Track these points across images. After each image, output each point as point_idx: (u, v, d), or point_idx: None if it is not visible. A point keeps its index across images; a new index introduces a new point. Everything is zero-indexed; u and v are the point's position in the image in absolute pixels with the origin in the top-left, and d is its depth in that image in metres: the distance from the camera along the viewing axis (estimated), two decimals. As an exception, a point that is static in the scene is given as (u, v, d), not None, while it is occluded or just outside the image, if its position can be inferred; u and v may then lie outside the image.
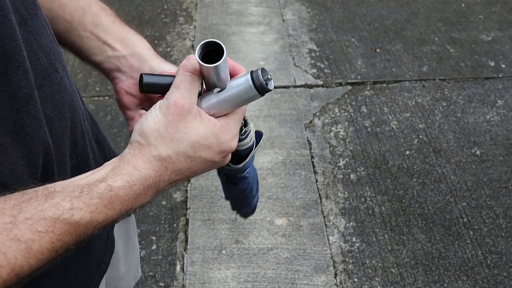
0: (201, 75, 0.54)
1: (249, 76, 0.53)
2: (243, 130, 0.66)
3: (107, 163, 0.52)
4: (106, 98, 2.59)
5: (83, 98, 2.54)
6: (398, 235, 1.95)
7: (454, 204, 2.05)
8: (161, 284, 1.79)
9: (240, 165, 0.70)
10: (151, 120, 0.53)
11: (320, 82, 2.68)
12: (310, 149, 2.30)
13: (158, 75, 0.56)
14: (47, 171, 0.53)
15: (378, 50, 2.91)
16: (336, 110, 2.51)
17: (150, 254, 1.88)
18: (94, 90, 2.64)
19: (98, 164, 0.73)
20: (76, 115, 0.60)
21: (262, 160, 2.22)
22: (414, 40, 2.98)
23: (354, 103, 2.55)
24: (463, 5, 3.30)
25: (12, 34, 0.46)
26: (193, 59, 0.55)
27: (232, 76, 0.57)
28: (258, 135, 0.72)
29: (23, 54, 0.47)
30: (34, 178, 0.51)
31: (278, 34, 3.05)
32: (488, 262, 1.85)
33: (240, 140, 0.66)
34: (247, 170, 0.77)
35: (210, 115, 0.55)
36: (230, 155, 0.59)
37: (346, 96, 2.60)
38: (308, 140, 2.34)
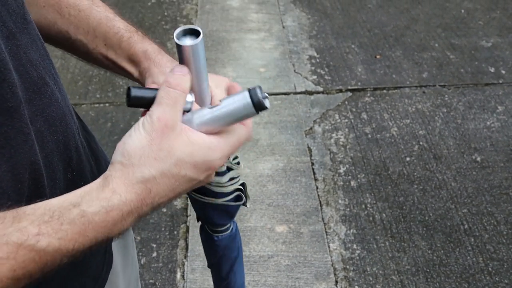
0: (185, 91, 0.52)
1: (246, 92, 0.52)
2: (227, 168, 0.64)
3: (86, 185, 0.49)
4: (107, 105, 2.59)
5: (83, 105, 2.56)
6: (399, 242, 1.94)
7: (455, 210, 2.05)
8: (161, 291, 1.79)
9: (220, 200, 0.66)
10: (135, 138, 0.49)
11: (320, 89, 2.69)
12: (311, 155, 2.30)
13: (147, 88, 0.53)
14: (36, 187, 0.52)
15: (378, 57, 2.92)
16: (337, 116, 2.51)
17: (150, 261, 1.88)
18: (94, 97, 2.64)
19: (96, 178, 0.72)
20: (69, 128, 0.59)
21: (263, 167, 2.22)
22: (414, 47, 2.99)
23: (354, 109, 2.55)
24: (463, 11, 3.31)
25: None
26: (178, 73, 0.52)
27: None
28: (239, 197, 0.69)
29: (9, 68, 0.46)
30: (20, 193, 0.49)
31: (278, 41, 3.05)
32: (489, 269, 1.84)
33: (218, 174, 0.63)
34: (230, 226, 0.74)
35: (201, 131, 0.52)
36: (214, 174, 0.56)
37: (346, 102, 2.60)
38: (308, 146, 2.34)
